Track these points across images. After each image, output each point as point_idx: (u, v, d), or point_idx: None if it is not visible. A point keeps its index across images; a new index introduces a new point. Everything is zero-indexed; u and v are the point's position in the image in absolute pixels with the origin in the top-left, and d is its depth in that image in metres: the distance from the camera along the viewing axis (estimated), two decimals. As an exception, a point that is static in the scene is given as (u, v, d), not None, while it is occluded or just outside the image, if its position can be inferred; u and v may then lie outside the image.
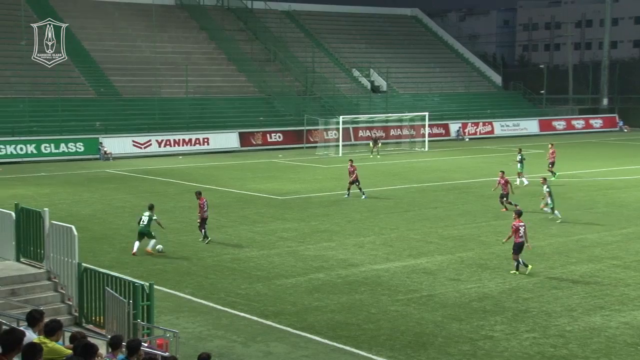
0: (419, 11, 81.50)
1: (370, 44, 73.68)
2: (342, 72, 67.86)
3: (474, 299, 17.78)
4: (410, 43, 76.51)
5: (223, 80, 61.35)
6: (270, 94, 60.73)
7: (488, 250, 22.55)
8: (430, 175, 38.90)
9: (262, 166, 43.59)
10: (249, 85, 61.79)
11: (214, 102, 57.98)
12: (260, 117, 56.24)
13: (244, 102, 59.37)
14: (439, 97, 67.99)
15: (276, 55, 65.44)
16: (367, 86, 66.85)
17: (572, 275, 19.75)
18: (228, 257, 21.76)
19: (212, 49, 64.72)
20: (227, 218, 27.63)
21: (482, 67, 76.86)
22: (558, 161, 38.13)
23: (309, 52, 65.49)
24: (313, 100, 61.42)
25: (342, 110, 57.95)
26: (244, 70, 62.94)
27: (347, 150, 50.51)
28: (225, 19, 68.24)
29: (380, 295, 18.13)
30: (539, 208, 27.56)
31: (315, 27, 73.06)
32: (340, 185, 35.80)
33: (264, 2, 71.33)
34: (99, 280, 15.22)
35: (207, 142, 51.40)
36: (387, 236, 24.50)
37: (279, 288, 18.69)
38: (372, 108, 61.79)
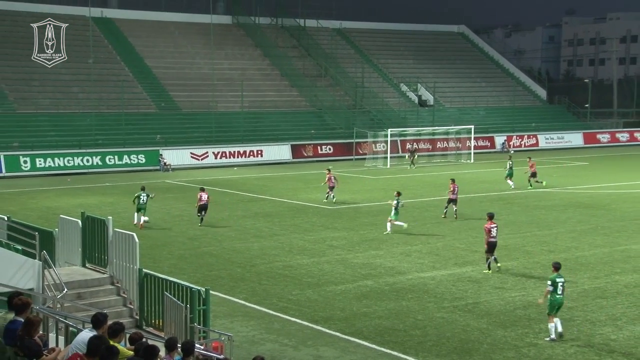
0: (466, 28, 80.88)
1: (417, 59, 73.38)
2: (390, 87, 67.71)
3: (518, 306, 17.48)
4: (457, 59, 75.94)
5: (276, 95, 61.78)
6: (321, 108, 60.92)
7: (532, 259, 22.16)
8: (476, 187, 38.45)
9: (313, 177, 43.67)
10: (301, 100, 62.08)
11: (268, 116, 58.40)
12: (311, 130, 56.42)
13: (296, 115, 59.66)
14: (485, 111, 67.27)
15: (327, 71, 65.65)
16: (415, 100, 66.54)
17: (616, 285, 19.28)
18: (280, 264, 21.84)
19: (266, 65, 65.27)
20: (279, 227, 27.74)
21: (527, 81, 75.85)
22: (601, 173, 37.32)
23: (358, 67, 65.54)
24: (362, 114, 61.38)
25: (390, 123, 57.78)
26: (296, 85, 63.29)
27: (395, 162, 50.34)
28: (279, 36, 68.82)
29: (426, 302, 17.96)
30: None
31: (364, 44, 73.11)
32: (389, 196, 35.62)
33: (316, 21, 71.72)
34: (159, 285, 15.43)
35: (261, 154, 51.77)
36: (433, 245, 24.29)
37: (328, 294, 18.67)
38: (419, 121, 61.46)
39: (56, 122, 50.68)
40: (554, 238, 25.23)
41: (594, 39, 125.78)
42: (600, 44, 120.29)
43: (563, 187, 37.55)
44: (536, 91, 74.64)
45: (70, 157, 46.25)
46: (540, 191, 36.52)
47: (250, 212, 30.98)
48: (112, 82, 55.45)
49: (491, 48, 79.83)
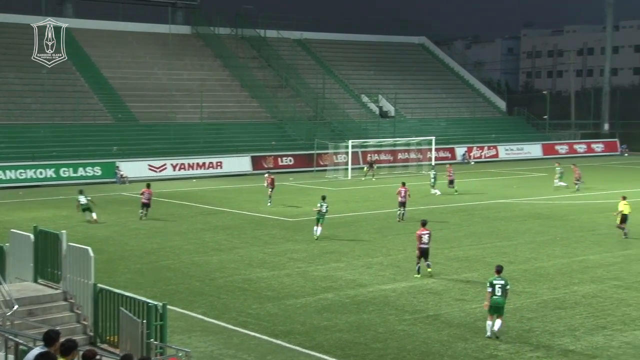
0: (426, 39, 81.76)
1: (378, 70, 73.91)
2: (351, 98, 68.05)
3: (479, 318, 17.63)
4: (418, 70, 76.70)
5: (236, 106, 61.62)
6: (281, 119, 60.91)
7: (492, 271, 22.31)
8: (437, 198, 38.77)
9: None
10: (261, 111, 62.01)
11: (228, 127, 58.18)
12: (272, 142, 56.34)
13: (257, 127, 59.54)
14: (445, 122, 67.98)
15: (288, 82, 65.73)
16: (376, 111, 66.96)
17: (575, 295, 19.58)
18: (239, 278, 21.70)
19: (226, 76, 65.09)
20: (239, 239, 27.60)
21: (487, 93, 76.92)
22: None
23: (319, 78, 65.74)
24: (323, 125, 61.54)
25: (351, 134, 58.00)
26: (256, 96, 63.21)
27: (356, 173, 50.51)
28: (239, 47, 68.71)
29: (387, 314, 18.01)
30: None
31: (325, 55, 73.40)
32: (350, 207, 35.78)
33: (276, 31, 71.79)
34: (114, 300, 15.19)
35: (221, 166, 51.50)
36: (394, 257, 24.40)
37: (288, 308, 18.60)
38: (380, 132, 61.83)
39: (8, 133, 49.73)
40: (514, 249, 25.55)
41: (551, 51, 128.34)
42: (558, 56, 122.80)
43: (523, 198, 38.08)
44: (496, 102, 75.73)
45: (22, 169, 45.40)
46: (501, 202, 36.99)
47: (209, 225, 30.76)
48: (67, 93, 54.66)
49: (451, 59, 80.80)
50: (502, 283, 16.31)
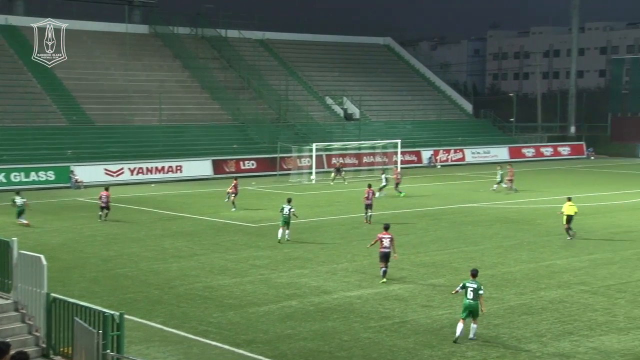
0: (392, 40, 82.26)
1: (343, 72, 74.15)
2: (315, 100, 68.15)
3: (445, 325, 17.77)
4: (383, 71, 77.12)
5: (197, 108, 61.28)
6: (243, 122, 60.75)
7: (460, 276, 22.55)
8: (403, 202, 39.01)
9: (235, 194, 43.36)
10: (222, 113, 61.77)
11: (188, 130, 57.82)
12: (233, 145, 56.15)
13: (218, 129, 59.28)
14: (411, 125, 68.47)
15: (250, 84, 65.59)
16: (340, 114, 67.16)
17: (541, 300, 19.85)
18: (200, 286, 21.57)
19: (186, 77, 64.71)
20: (199, 246, 27.43)
21: (453, 95, 77.66)
22: (528, 184, 38.48)
23: (282, 80, 65.74)
24: (286, 128, 61.53)
25: (315, 137, 58.07)
26: (217, 98, 62.95)
27: (320, 177, 50.57)
28: (199, 47, 68.36)
29: (352, 322, 18.05)
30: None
31: (289, 56, 73.43)
32: (314, 212, 35.81)
33: (238, 31, 71.59)
34: (68, 310, 14.97)
35: (180, 170, 51.15)
36: (359, 263, 24.47)
37: (251, 316, 18.54)
38: (345, 135, 62.03)
39: (-44, 136, 48.84)
40: (480, 254, 25.82)
41: (518, 53, 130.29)
42: (524, 58, 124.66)
43: (490, 202, 38.51)
44: (462, 105, 76.50)
45: (-28, 174, 44.56)
46: (468, 206, 37.37)
47: (169, 231, 30.54)
48: (18, 94, 53.82)
49: (417, 61, 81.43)
50: (474, 287, 16.59)
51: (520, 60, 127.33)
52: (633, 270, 23.26)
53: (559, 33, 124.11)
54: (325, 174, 52.52)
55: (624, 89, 74.82)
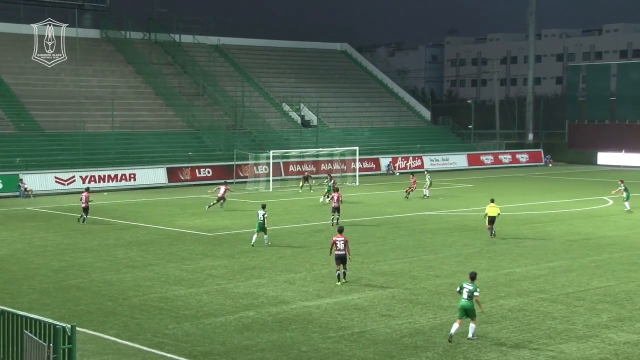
0: (349, 46, 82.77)
1: (300, 78, 74.34)
2: (272, 106, 68.17)
3: (405, 334, 17.91)
4: (340, 78, 77.54)
5: (150, 115, 60.83)
6: (199, 129, 60.47)
7: (419, 285, 22.80)
8: (362, 210, 39.21)
9: (190, 202, 43.19)
10: (177, 120, 61.40)
11: (141, 137, 57.35)
12: (188, 152, 55.84)
13: (172, 137, 58.92)
14: (369, 132, 68.92)
15: (205, 90, 65.33)
16: (298, 121, 67.28)
17: (501, 309, 20.13)
18: (155, 296, 21.39)
19: (139, 83, 64.18)
20: (154, 256, 27.20)
21: (411, 101, 78.38)
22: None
23: (238, 86, 65.63)
24: (243, 135, 61.42)
25: (272, 145, 58.09)
26: (172, 104, 62.56)
27: (277, 185, 50.57)
28: (153, 52, 67.89)
29: (311, 332, 18.08)
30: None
31: (244, 62, 73.36)
32: (272, 221, 35.73)
33: (192, 36, 71.30)
34: (17, 323, 14.69)
35: (134, 178, 50.68)
36: (318, 272, 24.52)
37: (207, 327, 18.45)
38: (302, 143, 62.15)
39: None
40: (440, 262, 26.09)
41: (475, 59, 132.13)
42: (482, 64, 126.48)
43: (449, 210, 38.92)
44: (420, 112, 77.25)
45: None
46: (427, 214, 37.72)
47: (122, 241, 30.22)
48: (-37, 100, 52.79)
49: (375, 67, 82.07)
50: (470, 288, 17.56)
51: (477, 66, 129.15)
52: (591, 277, 23.74)
53: (516, 40, 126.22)
54: (282, 182, 52.56)
55: (581, 96, 76.40)
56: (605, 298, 21.13)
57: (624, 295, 21.44)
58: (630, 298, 21.17)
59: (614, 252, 27.89)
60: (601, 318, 19.20)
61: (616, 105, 72.02)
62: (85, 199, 34.54)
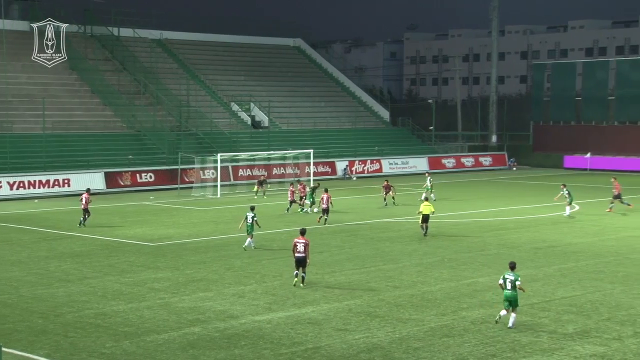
0: (302, 42, 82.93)
1: (250, 76, 74.24)
2: (220, 106, 67.93)
3: (362, 350, 18.00)
4: (294, 75, 77.64)
5: (86, 115, 60.11)
6: (140, 130, 59.95)
7: (377, 297, 22.94)
8: (317, 217, 39.28)
9: (131, 209, 42.76)
10: (116, 121, 60.79)
11: (76, 139, 56.64)
12: (129, 156, 55.31)
13: (111, 138, 58.30)
14: (325, 133, 69.12)
15: (147, 88, 64.79)
16: (248, 121, 67.16)
17: (463, 321, 20.36)
18: (91, 312, 21.14)
19: (73, 80, 63.37)
20: (90, 268, 26.88)
21: (369, 101, 78.84)
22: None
23: (183, 84, 65.24)
24: (188, 136, 61.07)
25: (220, 147, 57.86)
26: (110, 103, 61.92)
27: (226, 190, 50.38)
28: (89, 47, 67.09)
29: (262, 349, 18.06)
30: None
31: (189, 58, 72.97)
32: (219, 229, 35.63)
33: (132, 30, 70.66)
34: (-61, 343, 14.40)
35: (68, 184, 50.01)
36: (269, 284, 24.50)
37: (149, 345, 18.29)
38: (253, 145, 62.05)
39: None
40: (399, 272, 26.28)
41: (436, 56, 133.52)
42: (443, 62, 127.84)
43: (409, 217, 39.22)
44: (379, 112, 77.75)
45: None
46: (386, 221, 37.97)
47: (55, 252, 29.79)
48: None
49: (330, 64, 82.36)
50: (512, 278, 19.44)
51: (439, 64, 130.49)
52: (557, 287, 24.17)
53: (479, 36, 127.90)
54: (231, 187, 52.37)
55: (546, 96, 77.76)
56: (570, 308, 21.53)
57: (590, 305, 21.88)
58: (596, 308, 21.60)
59: (580, 260, 28.44)
60: (567, 330, 19.56)
61: (582, 105, 73.48)
62: (86, 201, 35.76)
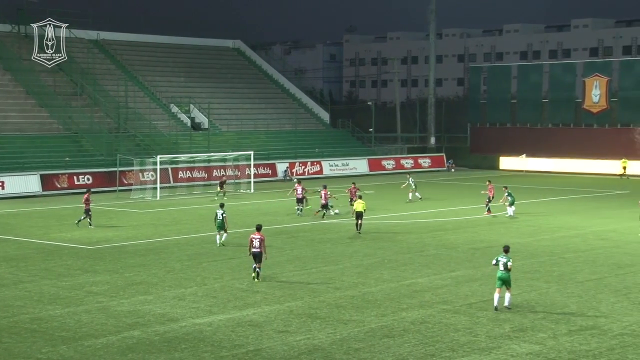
0: (242, 43, 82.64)
1: (189, 77, 73.67)
2: (158, 107, 67.24)
3: (303, 351, 18.02)
4: (233, 77, 77.33)
5: (21, 116, 58.90)
6: (77, 132, 58.98)
7: (318, 298, 22.99)
8: (257, 219, 39.08)
9: (68, 212, 42.03)
10: (51, 122, 59.69)
11: (10, 141, 55.45)
12: (65, 158, 54.36)
13: (46, 140, 57.24)
14: (265, 135, 69.02)
15: (83, 89, 63.74)
16: (187, 123, 66.61)
17: (403, 322, 20.54)
18: (27, 317, 20.70)
19: (7, 81, 62.01)
20: (26, 272, 26.33)
21: (309, 103, 78.97)
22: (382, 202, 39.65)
23: (121, 85, 64.38)
24: (127, 138, 60.29)
25: (159, 149, 57.25)
26: (45, 105, 60.75)
27: (165, 192, 49.88)
28: (23, 47, 65.54)
29: (202, 352, 17.93)
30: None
31: (127, 59, 72.05)
32: (159, 232, 35.25)
33: (68, 30, 69.33)
34: None
35: (2, 186, 48.93)
36: (210, 286, 24.36)
37: (87, 350, 18.00)
38: (193, 147, 61.57)
39: None
40: (340, 274, 26.37)
41: (375, 58, 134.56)
42: (382, 64, 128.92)
43: (349, 219, 39.40)
44: (319, 114, 77.94)
45: None
46: (327, 222, 38.10)
47: None
48: None
49: (270, 66, 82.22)
50: (504, 260, 21.31)
51: (378, 66, 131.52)
52: (494, 287, 24.53)
53: (417, 39, 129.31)
54: (170, 189, 51.88)
55: (482, 98, 79.02)
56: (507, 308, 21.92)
57: (526, 304, 22.30)
58: (532, 307, 22.03)
59: (516, 260, 28.80)
60: (504, 329, 19.90)
61: (517, 108, 74.87)
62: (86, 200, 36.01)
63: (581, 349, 18.24)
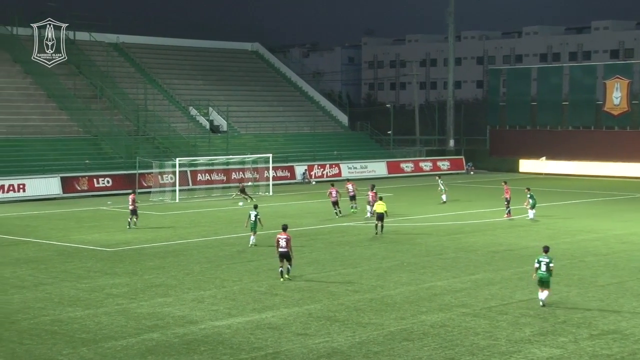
0: (260, 46, 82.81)
1: (208, 80, 73.90)
2: (177, 110, 67.48)
3: (322, 354, 17.99)
4: (252, 80, 77.46)
5: (41, 119, 59.30)
6: (96, 134, 59.30)
7: (337, 301, 22.95)
8: (276, 222, 39.06)
9: (88, 214, 42.25)
10: (72, 125, 60.05)
11: (31, 144, 55.83)
12: (85, 160, 54.67)
13: (67, 143, 57.59)
14: (283, 138, 69.06)
15: (103, 92, 64.11)
16: (206, 126, 66.82)
17: (422, 325, 20.46)
18: (47, 319, 20.82)
19: (28, 84, 62.46)
20: (46, 274, 26.48)
21: (327, 105, 78.95)
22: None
23: (140, 88, 64.68)
24: (146, 141, 60.55)
25: (178, 152, 57.48)
26: (66, 108, 61.14)
27: (184, 195, 50.04)
28: (45, 50, 66.12)
29: (221, 354, 17.95)
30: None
31: (147, 62, 72.38)
32: (178, 234, 35.36)
33: (88, 33, 69.84)
34: None
35: (24, 189, 49.25)
36: (229, 289, 24.39)
37: (107, 352, 18.07)
38: (211, 149, 61.74)
39: None
40: (359, 277, 26.33)
41: (394, 61, 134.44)
42: (401, 67, 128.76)
43: (367, 222, 39.33)
44: (337, 116, 77.89)
45: None
46: (345, 225, 38.05)
47: (9, 258, 29.29)
48: None
49: (288, 69, 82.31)
50: (546, 261, 21.85)
51: (396, 69, 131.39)
52: (514, 290, 24.41)
53: (435, 41, 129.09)
54: (190, 192, 52.04)
55: (502, 101, 78.64)
56: (528, 312, 21.77)
57: (547, 308, 22.14)
58: (552, 311, 21.87)
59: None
60: (524, 332, 19.77)
61: (537, 110, 74.45)
62: (132, 201, 36.27)
63: (603, 354, 18.09)
